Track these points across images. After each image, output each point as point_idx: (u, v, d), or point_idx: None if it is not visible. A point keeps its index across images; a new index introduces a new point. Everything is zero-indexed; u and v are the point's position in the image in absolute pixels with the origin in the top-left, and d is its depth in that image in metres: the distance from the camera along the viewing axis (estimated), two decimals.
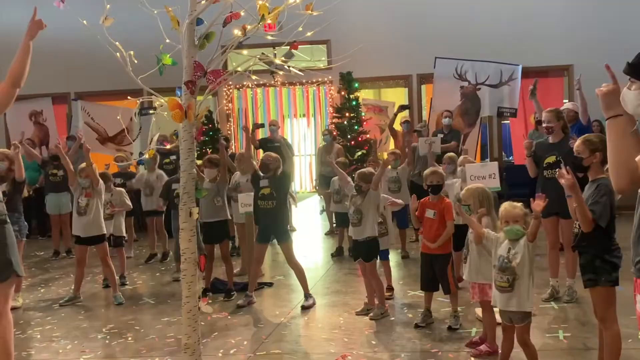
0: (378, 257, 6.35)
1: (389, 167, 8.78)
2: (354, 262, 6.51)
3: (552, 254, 6.48)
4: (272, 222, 6.73)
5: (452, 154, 8.34)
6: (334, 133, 11.63)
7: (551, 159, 6.25)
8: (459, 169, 7.23)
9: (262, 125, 11.70)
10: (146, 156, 4.10)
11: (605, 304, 4.15)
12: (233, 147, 13.20)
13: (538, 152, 6.39)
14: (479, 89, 11.51)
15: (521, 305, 4.34)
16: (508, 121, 13.08)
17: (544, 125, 6.37)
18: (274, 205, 6.67)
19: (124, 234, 8.23)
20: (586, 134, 4.63)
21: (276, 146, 10.49)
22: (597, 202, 4.07)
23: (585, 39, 12.18)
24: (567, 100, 11.78)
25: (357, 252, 6.27)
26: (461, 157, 7.61)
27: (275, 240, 7.05)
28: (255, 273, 6.97)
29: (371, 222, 6.16)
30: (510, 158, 13.54)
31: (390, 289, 6.88)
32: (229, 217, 7.48)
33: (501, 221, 4.41)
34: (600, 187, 4.08)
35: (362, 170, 6.44)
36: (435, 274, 5.75)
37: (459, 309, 5.83)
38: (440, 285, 5.82)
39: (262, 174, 6.77)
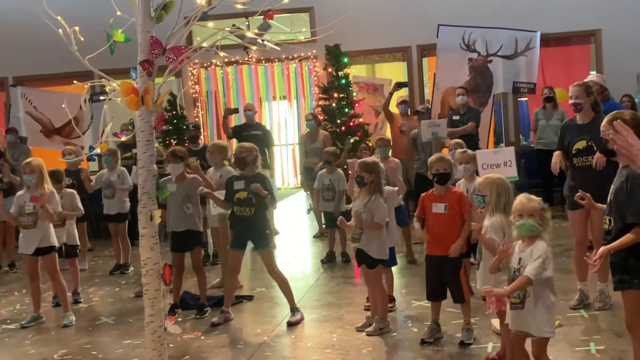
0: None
1: (377, 157, 8.71)
2: (358, 266, 6.46)
3: (579, 254, 6.48)
4: (250, 227, 6.71)
5: (459, 140, 8.34)
6: (320, 117, 11.62)
7: (581, 144, 6.19)
8: (459, 167, 6.97)
9: (237, 111, 11.68)
10: (97, 150, 4.08)
11: (635, 309, 4.16)
12: (202, 137, 13.17)
13: (566, 136, 6.36)
14: (491, 60, 11.53)
15: (532, 328, 4.31)
16: (526, 98, 13.13)
17: (570, 102, 6.30)
18: (252, 213, 6.64)
19: (78, 243, 8.20)
20: (615, 111, 4.61)
21: (253, 134, 10.47)
22: (628, 200, 4.05)
23: (614, 0, 12.21)
24: (594, 72, 11.84)
25: (362, 256, 6.23)
26: (458, 152, 7.16)
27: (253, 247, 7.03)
28: (232, 285, 6.97)
29: (377, 240, 6.12)
30: (529, 142, 13.59)
31: (392, 299, 6.89)
32: (200, 230, 7.38)
33: (514, 216, 4.39)
34: (632, 179, 4.04)
35: (364, 159, 6.40)
36: (445, 279, 5.75)
37: (472, 320, 5.85)
38: (449, 293, 5.82)
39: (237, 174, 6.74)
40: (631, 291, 4.14)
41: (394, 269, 7.13)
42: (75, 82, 4.35)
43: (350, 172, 6.62)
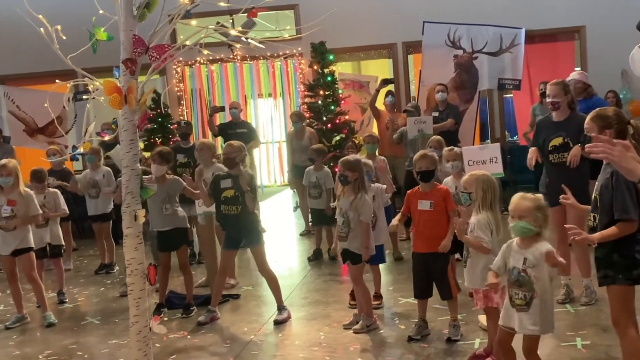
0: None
1: (364, 154, 8.71)
2: (343, 264, 6.46)
3: (562, 249, 6.53)
4: (242, 226, 6.70)
5: (438, 137, 8.36)
6: (306, 115, 11.61)
7: (557, 140, 6.30)
8: (448, 164, 7.04)
9: (222, 109, 11.64)
10: (81, 150, 4.05)
11: (620, 305, 4.19)
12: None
13: (542, 133, 6.46)
14: (476, 57, 11.56)
15: (539, 329, 4.27)
16: (511, 95, 13.17)
17: (548, 100, 6.45)
18: (239, 211, 6.64)
19: (62, 243, 8.15)
20: (598, 108, 4.63)
21: (239, 132, 10.45)
22: (615, 196, 4.07)
23: None
24: (579, 68, 11.89)
25: (346, 253, 6.25)
26: (445, 150, 7.25)
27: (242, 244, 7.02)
28: (220, 284, 6.95)
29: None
30: (515, 138, 13.64)
31: (378, 296, 6.90)
32: (187, 227, 7.36)
33: (510, 216, 4.33)
34: (616, 175, 4.06)
35: (347, 157, 6.40)
36: (432, 276, 5.76)
37: (459, 316, 5.86)
38: (435, 291, 5.82)
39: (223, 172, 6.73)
40: (615, 286, 4.17)
41: (381, 265, 7.14)
42: (57, 81, 4.33)
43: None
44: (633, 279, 4.14)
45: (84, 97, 10.34)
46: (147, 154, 11.29)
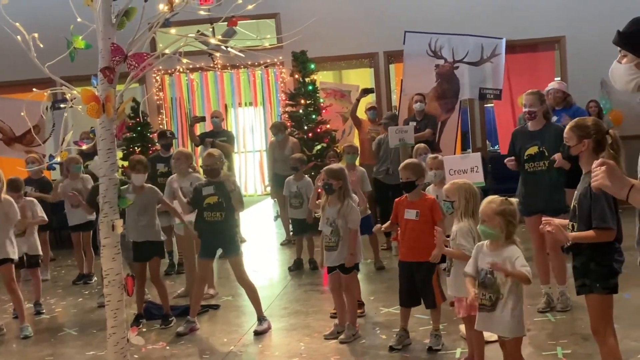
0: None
1: (344, 164, 8.72)
2: (329, 273, 6.38)
3: (540, 258, 6.62)
4: (220, 234, 6.71)
5: (423, 144, 8.41)
6: (288, 124, 11.61)
7: (533, 150, 6.38)
8: (431, 172, 7.06)
9: (203, 119, 11.63)
10: (58, 159, 4.03)
11: (598, 314, 4.22)
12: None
13: (517, 142, 6.53)
14: (457, 67, 11.59)
15: (502, 329, 4.38)
16: (492, 104, 13.24)
17: (525, 110, 6.49)
18: (223, 217, 6.65)
19: (40, 252, 8.09)
20: (577, 118, 4.69)
21: (219, 142, 10.43)
22: (593, 205, 4.11)
23: (577, 8, 12.39)
24: (559, 78, 11.99)
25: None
26: (428, 158, 7.34)
27: (221, 254, 7.00)
28: (199, 294, 6.92)
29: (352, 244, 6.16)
30: (496, 147, 13.71)
31: (361, 304, 6.90)
32: (160, 240, 7.30)
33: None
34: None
35: (330, 166, 6.44)
36: (417, 285, 5.77)
37: (440, 326, 5.87)
38: (421, 300, 5.84)
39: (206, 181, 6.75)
40: (594, 295, 4.21)
41: (360, 276, 7.14)
42: (34, 89, 4.31)
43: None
44: (610, 288, 4.19)
45: (62, 105, 10.28)
46: (125, 163, 11.27)
